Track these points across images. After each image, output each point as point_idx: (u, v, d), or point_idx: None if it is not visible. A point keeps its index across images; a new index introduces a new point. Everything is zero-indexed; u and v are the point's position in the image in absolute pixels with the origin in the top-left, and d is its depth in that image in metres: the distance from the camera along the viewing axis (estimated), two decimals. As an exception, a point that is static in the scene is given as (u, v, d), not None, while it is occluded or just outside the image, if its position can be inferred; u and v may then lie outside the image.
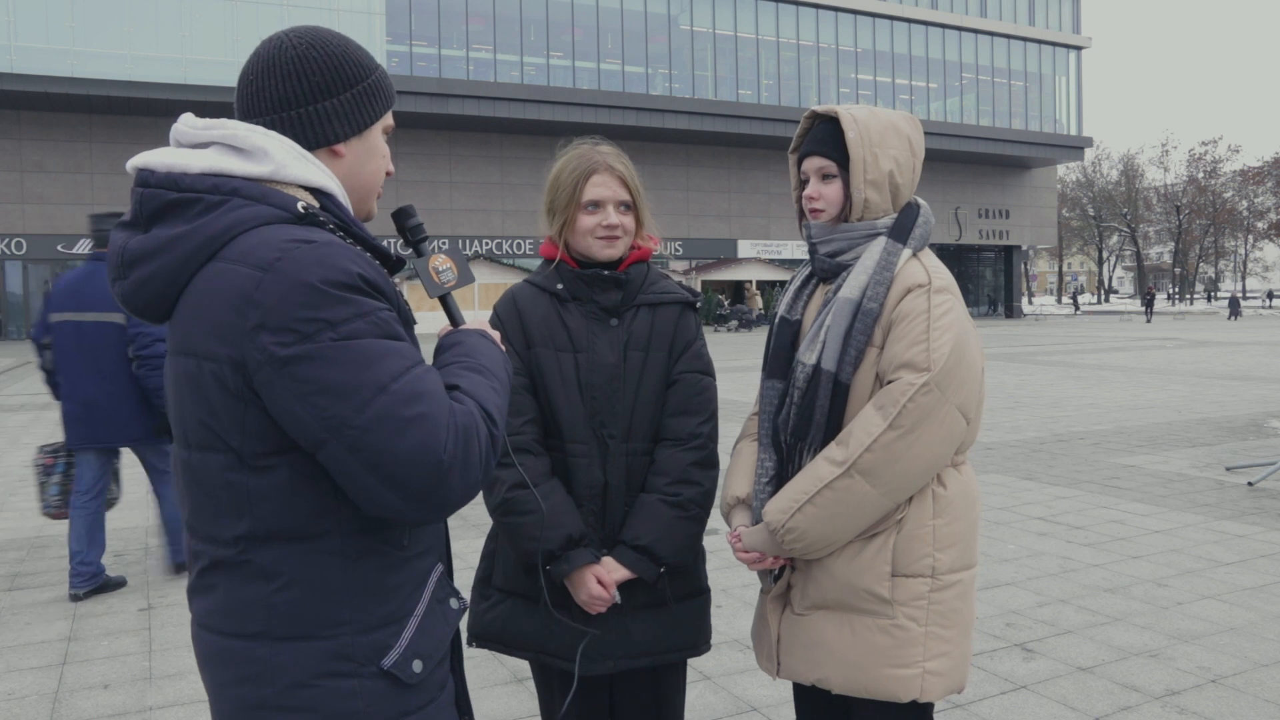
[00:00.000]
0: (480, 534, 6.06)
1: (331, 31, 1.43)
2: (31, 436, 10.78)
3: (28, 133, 33.57)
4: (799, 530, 1.94)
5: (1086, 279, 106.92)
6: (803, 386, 2.00)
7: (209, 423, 1.28)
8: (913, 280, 1.96)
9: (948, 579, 1.96)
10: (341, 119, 1.39)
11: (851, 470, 1.89)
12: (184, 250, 1.28)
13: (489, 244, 39.86)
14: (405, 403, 1.22)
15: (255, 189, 1.30)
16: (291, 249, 1.24)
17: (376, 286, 1.28)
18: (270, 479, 1.28)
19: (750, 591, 4.78)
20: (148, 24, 31.77)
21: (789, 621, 2.09)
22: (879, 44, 45.00)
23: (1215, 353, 21.60)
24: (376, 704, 1.33)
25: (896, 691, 1.94)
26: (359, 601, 1.32)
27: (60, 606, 4.75)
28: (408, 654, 1.35)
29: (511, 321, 2.18)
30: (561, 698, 2.19)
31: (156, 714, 3.49)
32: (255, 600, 1.31)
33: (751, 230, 44.23)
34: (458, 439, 1.24)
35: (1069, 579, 4.93)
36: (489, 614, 2.19)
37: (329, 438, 1.21)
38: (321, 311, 1.21)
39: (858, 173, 1.99)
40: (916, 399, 1.86)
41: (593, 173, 2.13)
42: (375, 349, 1.23)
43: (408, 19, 36.34)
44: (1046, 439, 9.52)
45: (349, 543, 1.32)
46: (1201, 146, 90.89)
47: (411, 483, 1.22)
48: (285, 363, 1.20)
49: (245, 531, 1.30)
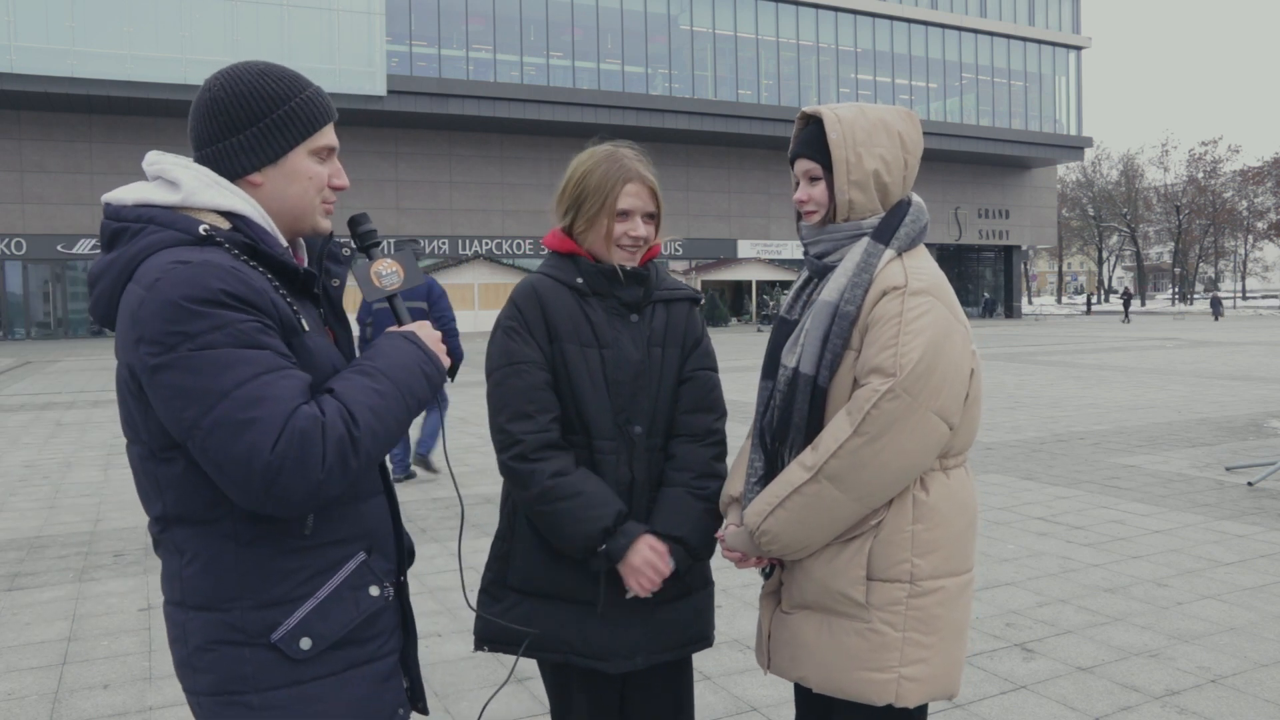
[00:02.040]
0: (480, 534, 6.06)
1: (251, 68, 1.56)
2: (31, 436, 10.78)
3: (28, 133, 33.56)
4: (772, 533, 1.94)
5: (1086, 279, 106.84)
6: (784, 389, 2.00)
7: (129, 419, 1.51)
8: (889, 283, 1.93)
9: (927, 585, 1.94)
10: (247, 152, 1.53)
11: (819, 475, 1.88)
12: (114, 272, 1.48)
13: (489, 244, 39.84)
14: (242, 407, 1.35)
15: (167, 216, 1.48)
16: (170, 270, 1.39)
17: (243, 300, 1.41)
18: (172, 469, 1.47)
19: (750, 591, 4.78)
20: (148, 24, 31.76)
21: (778, 619, 2.10)
22: (879, 44, 45.00)
23: (1215, 353, 21.60)
24: (265, 671, 1.49)
25: (870, 694, 1.94)
26: (251, 581, 1.49)
27: (60, 606, 4.75)
28: (296, 632, 1.50)
29: (534, 314, 2.13)
30: (579, 697, 2.16)
31: (156, 714, 3.49)
32: (173, 573, 1.53)
33: (751, 230, 44.22)
34: (290, 440, 1.36)
35: (1069, 579, 4.93)
36: (505, 617, 2.15)
37: (186, 437, 1.39)
38: (181, 325, 1.36)
39: (840, 173, 1.98)
40: (881, 405, 1.84)
41: (628, 180, 2.11)
42: (225, 359, 1.37)
43: (408, 19, 36.33)
44: (1046, 439, 9.52)
45: (241, 528, 1.48)
46: (1201, 146, 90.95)
47: (248, 481, 1.36)
48: (154, 371, 1.38)
49: (160, 513, 1.51)
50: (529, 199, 39.88)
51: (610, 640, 2.10)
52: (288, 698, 1.50)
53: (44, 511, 6.93)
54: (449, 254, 39.10)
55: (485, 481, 7.68)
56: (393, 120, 36.86)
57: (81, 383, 17.54)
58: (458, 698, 3.58)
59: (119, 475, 8.28)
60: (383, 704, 1.61)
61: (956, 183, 47.90)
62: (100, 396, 15.00)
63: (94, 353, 26.89)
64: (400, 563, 1.69)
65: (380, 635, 1.61)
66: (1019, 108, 48.50)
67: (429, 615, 4.51)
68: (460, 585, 4.88)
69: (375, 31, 34.81)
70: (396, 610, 1.67)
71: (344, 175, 1.64)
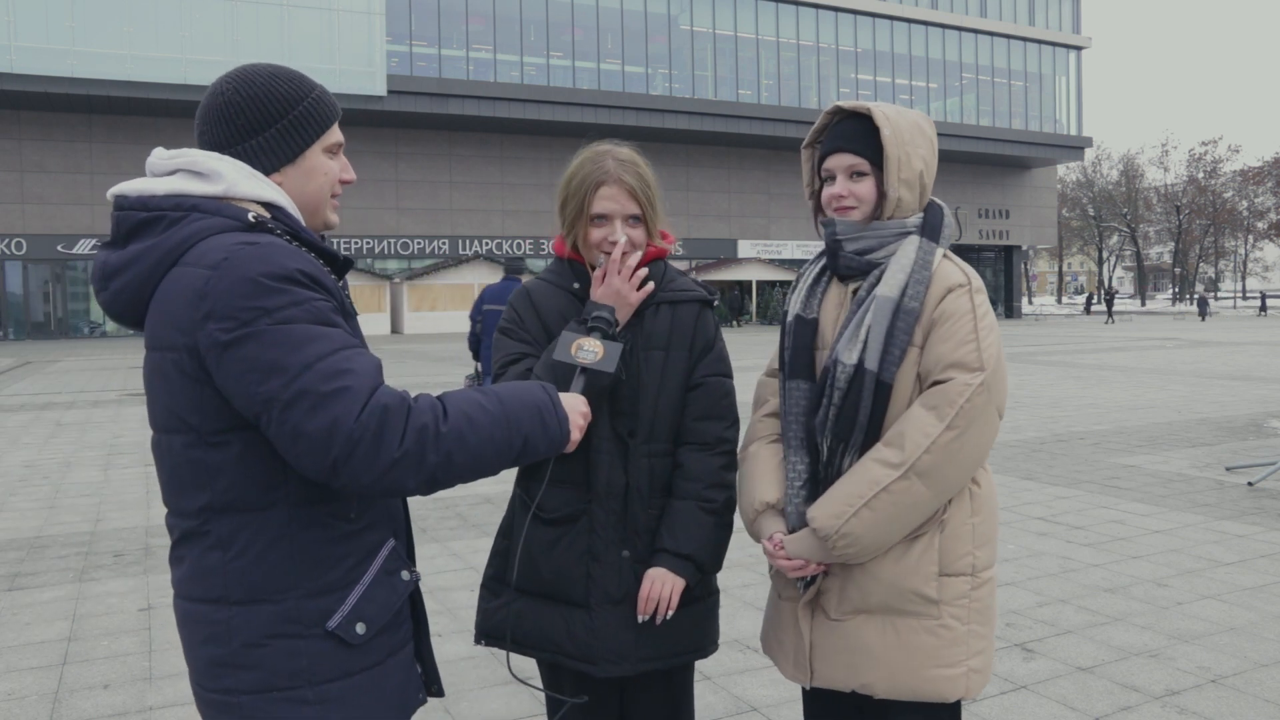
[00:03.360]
0: (480, 534, 6.06)
1: (260, 71, 1.58)
2: (31, 436, 10.79)
3: (28, 133, 33.58)
4: (853, 535, 1.90)
5: (1087, 279, 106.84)
6: (844, 387, 1.96)
7: (172, 407, 1.47)
8: (953, 280, 1.96)
9: (984, 575, 1.98)
10: (268, 153, 1.56)
11: (909, 473, 1.87)
12: (151, 259, 1.46)
13: (489, 244, 39.85)
14: (325, 379, 1.36)
15: (211, 204, 1.49)
16: (237, 250, 1.41)
17: (315, 279, 1.44)
18: (225, 454, 1.45)
19: (750, 591, 4.77)
20: (148, 24, 31.78)
21: (823, 628, 2.04)
22: (879, 44, 45.01)
23: (1215, 353, 21.60)
24: (321, 662, 1.49)
25: (944, 692, 1.94)
26: (305, 569, 1.48)
27: (60, 606, 4.75)
28: (351, 618, 1.50)
29: (529, 317, 2.14)
30: (574, 699, 2.17)
31: (156, 714, 3.49)
32: (215, 568, 1.48)
33: (751, 230, 44.24)
34: (372, 412, 1.36)
35: (1069, 579, 4.93)
36: (501, 612, 2.15)
37: (262, 410, 1.37)
38: (259, 301, 1.37)
39: (892, 171, 1.97)
40: (973, 399, 1.87)
41: (601, 184, 2.07)
42: (306, 333, 1.38)
43: (408, 19, 36.35)
44: (1046, 439, 9.52)
45: (295, 514, 1.48)
46: (1201, 146, 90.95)
47: (327, 450, 1.35)
48: (227, 346, 1.37)
49: (205, 503, 1.47)
50: (529, 199, 39.89)
51: (600, 644, 2.09)
52: (341, 690, 1.50)
53: (44, 511, 6.93)
54: (449, 254, 39.10)
55: (485, 481, 7.68)
56: (393, 120, 36.88)
57: (81, 383, 17.55)
58: (458, 697, 3.58)
59: (119, 475, 8.28)
60: (411, 690, 1.64)
61: (956, 183, 47.89)
62: (100, 396, 15.01)
63: (94, 353, 26.90)
64: (411, 551, 1.73)
65: (405, 622, 1.64)
66: (1019, 108, 48.52)
67: (429, 615, 4.51)
68: (460, 584, 4.89)
69: (375, 31, 34.82)
70: (408, 598, 1.70)
71: (351, 170, 1.68)
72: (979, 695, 1.99)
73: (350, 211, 35.57)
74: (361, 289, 35.95)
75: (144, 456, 9.16)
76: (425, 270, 37.96)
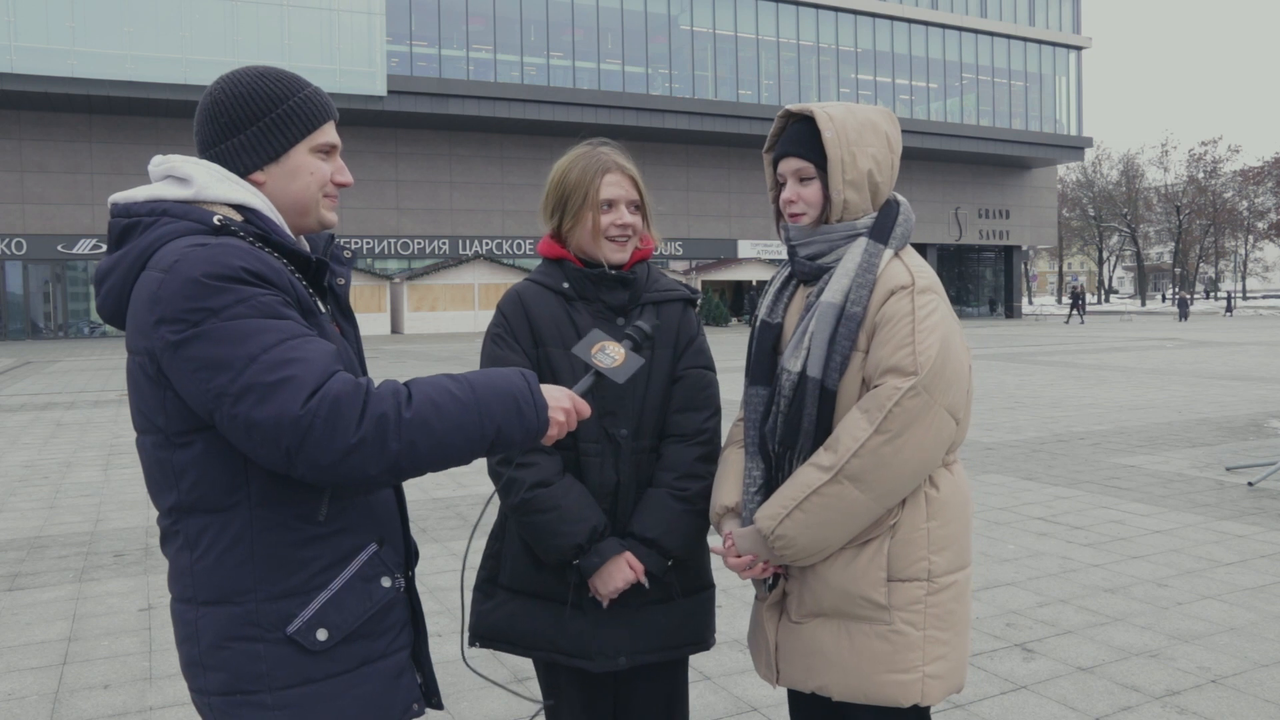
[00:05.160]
0: (480, 534, 6.06)
1: (250, 71, 1.60)
2: (31, 437, 10.78)
3: (28, 133, 33.57)
4: (788, 537, 1.91)
5: (1087, 279, 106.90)
6: (789, 394, 1.97)
7: (142, 408, 1.51)
8: (896, 282, 1.93)
9: (943, 581, 1.95)
10: (249, 151, 1.57)
11: (839, 476, 1.87)
12: (126, 264, 1.50)
13: (489, 244, 39.84)
14: (270, 370, 1.36)
15: (181, 209, 1.51)
16: (188, 253, 1.43)
17: (262, 276, 1.44)
18: (189, 454, 1.47)
19: (750, 592, 4.77)
20: (148, 24, 31.76)
21: (786, 630, 2.07)
22: (879, 44, 45.00)
23: (1215, 353, 21.60)
24: (280, 667, 1.48)
25: (897, 697, 1.93)
26: (265, 571, 1.48)
27: (60, 606, 4.75)
28: (313, 623, 1.49)
29: (518, 319, 2.15)
30: (570, 694, 2.17)
31: (156, 714, 3.50)
32: (185, 568, 1.51)
33: (751, 230, 44.23)
34: (323, 399, 1.36)
35: (1069, 579, 4.93)
36: (495, 613, 2.17)
37: (215, 406, 1.38)
38: (205, 301, 1.39)
39: (836, 173, 1.96)
40: (903, 403, 1.84)
41: (607, 171, 2.12)
42: (251, 327, 1.39)
43: (408, 19, 36.34)
44: (1046, 439, 9.52)
45: (257, 515, 1.48)
46: (1201, 146, 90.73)
47: (278, 438, 1.35)
48: (177, 347, 1.39)
49: (174, 503, 1.50)
50: (529, 199, 39.85)
51: (594, 640, 2.10)
52: (302, 696, 1.49)
53: (44, 511, 6.93)
54: (449, 254, 39.09)
55: (485, 481, 7.68)
56: (393, 120, 36.87)
57: (81, 383, 17.55)
58: (458, 698, 3.58)
59: (119, 475, 8.28)
60: (395, 701, 1.61)
61: (956, 183, 47.89)
62: (100, 396, 15.00)
63: (94, 353, 26.89)
64: (408, 559, 1.70)
65: (391, 630, 1.61)
66: (1019, 108, 48.49)
67: (429, 615, 4.52)
68: (459, 585, 4.88)
69: (375, 31, 34.81)
70: (406, 606, 1.68)
71: (347, 172, 1.68)
72: (940, 699, 1.96)
73: (350, 211, 35.61)
74: (361, 289, 35.93)
75: (144, 456, 9.17)
76: (425, 270, 37.96)
